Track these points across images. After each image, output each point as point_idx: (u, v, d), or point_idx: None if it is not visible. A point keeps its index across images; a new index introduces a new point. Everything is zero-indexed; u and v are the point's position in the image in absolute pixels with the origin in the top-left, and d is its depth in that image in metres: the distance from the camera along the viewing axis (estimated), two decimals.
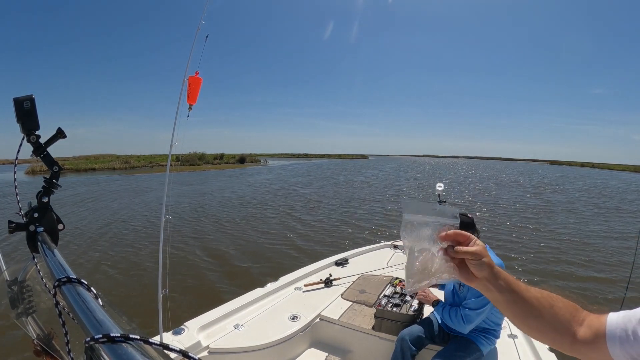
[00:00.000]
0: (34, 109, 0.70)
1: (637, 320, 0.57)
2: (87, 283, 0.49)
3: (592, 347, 0.61)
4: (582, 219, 11.58)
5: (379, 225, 9.60)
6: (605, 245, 8.05)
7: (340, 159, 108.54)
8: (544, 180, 31.03)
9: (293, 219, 10.36)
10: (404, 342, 1.91)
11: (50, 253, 0.62)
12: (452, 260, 0.64)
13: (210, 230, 8.86)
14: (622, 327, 0.57)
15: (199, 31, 2.19)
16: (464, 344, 1.84)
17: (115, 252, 6.97)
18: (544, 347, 2.06)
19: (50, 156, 0.76)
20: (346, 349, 2.32)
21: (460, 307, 1.83)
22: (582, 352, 0.62)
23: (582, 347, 0.62)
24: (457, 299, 1.92)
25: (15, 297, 0.70)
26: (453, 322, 1.84)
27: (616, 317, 0.60)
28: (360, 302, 2.57)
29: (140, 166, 39.91)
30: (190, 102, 2.16)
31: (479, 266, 0.63)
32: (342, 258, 3.50)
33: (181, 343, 1.91)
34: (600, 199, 17.57)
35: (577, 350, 0.63)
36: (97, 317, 0.39)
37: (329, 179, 26.12)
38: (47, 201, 0.76)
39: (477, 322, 1.79)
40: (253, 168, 40.01)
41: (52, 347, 0.65)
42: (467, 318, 1.77)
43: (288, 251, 7.16)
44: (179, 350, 0.34)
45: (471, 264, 0.63)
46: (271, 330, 2.18)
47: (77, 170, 33.19)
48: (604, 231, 9.71)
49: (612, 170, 77.60)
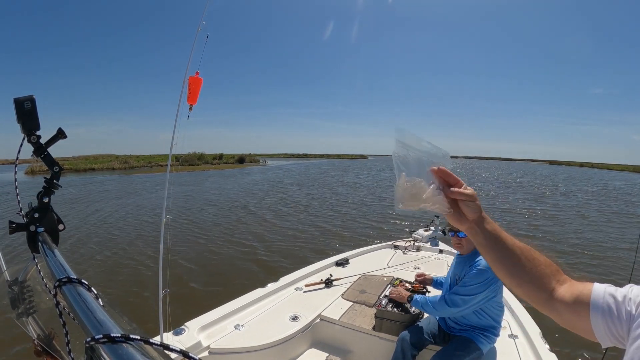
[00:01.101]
0: (35, 109, 0.70)
1: (623, 297, 0.56)
2: (88, 283, 0.49)
3: (570, 309, 0.61)
4: (592, 224, 10.91)
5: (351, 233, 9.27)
6: (617, 255, 7.43)
7: (339, 159, 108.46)
8: (546, 181, 30.59)
9: (266, 222, 10.28)
10: (405, 342, 1.91)
11: (50, 253, 0.62)
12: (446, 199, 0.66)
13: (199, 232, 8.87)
14: (608, 301, 0.57)
15: (199, 31, 2.19)
16: (463, 343, 1.84)
17: (115, 252, 6.98)
18: (545, 347, 2.06)
19: (51, 156, 0.76)
20: (347, 349, 2.31)
21: (446, 294, 1.86)
22: (557, 309, 0.63)
23: (559, 306, 0.62)
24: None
25: (15, 298, 0.70)
26: (436, 309, 1.85)
27: (603, 289, 0.60)
28: (360, 302, 2.57)
29: (140, 166, 39.92)
30: (190, 103, 2.16)
31: (471, 208, 0.66)
32: (342, 258, 3.50)
33: (182, 343, 1.91)
34: (614, 202, 16.71)
35: (552, 307, 0.64)
36: (97, 317, 0.39)
37: (322, 179, 25.98)
38: (47, 201, 0.76)
39: (462, 310, 1.79)
40: (251, 168, 39.99)
41: (52, 347, 0.65)
42: (452, 302, 1.79)
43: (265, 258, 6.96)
44: (179, 350, 0.34)
45: (465, 205, 0.65)
46: (272, 330, 2.18)
47: (76, 170, 33.20)
48: (616, 238, 9.09)
49: (611, 170, 77.47)
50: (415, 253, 3.92)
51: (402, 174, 0.64)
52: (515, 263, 0.65)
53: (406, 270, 3.32)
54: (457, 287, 1.83)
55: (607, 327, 0.56)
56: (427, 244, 4.13)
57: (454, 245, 2.00)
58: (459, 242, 1.95)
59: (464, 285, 1.80)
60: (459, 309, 1.79)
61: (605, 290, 0.59)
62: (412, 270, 3.35)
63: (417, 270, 3.36)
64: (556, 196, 18.43)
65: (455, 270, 1.96)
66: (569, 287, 0.64)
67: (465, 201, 0.65)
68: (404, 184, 0.64)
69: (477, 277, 1.77)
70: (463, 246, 1.95)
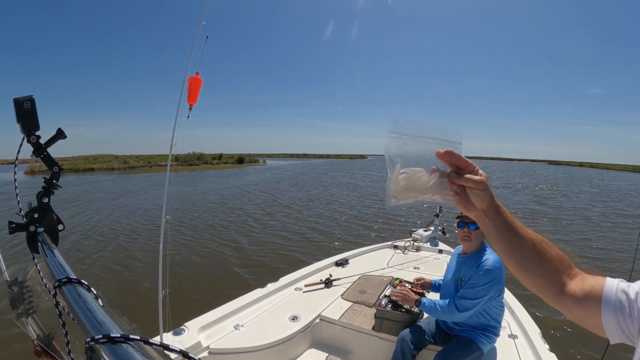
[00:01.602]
0: (34, 110, 0.70)
1: (636, 295, 0.54)
2: (87, 283, 0.49)
3: (581, 305, 0.59)
4: (596, 227, 10.59)
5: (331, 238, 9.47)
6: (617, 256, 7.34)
7: (339, 159, 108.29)
8: (548, 181, 30.16)
9: (252, 220, 10.30)
10: (404, 342, 1.91)
11: (50, 253, 0.62)
12: (451, 185, 0.59)
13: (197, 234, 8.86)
14: (620, 298, 0.56)
15: (199, 32, 2.19)
16: (464, 343, 1.83)
17: (115, 252, 6.98)
18: (545, 347, 2.06)
19: (51, 157, 0.76)
20: (346, 349, 2.32)
21: (456, 298, 1.79)
22: (567, 305, 0.61)
23: (570, 301, 0.60)
24: (453, 293, 1.88)
25: (15, 298, 0.70)
26: (445, 313, 1.79)
27: (615, 284, 0.58)
28: (360, 302, 2.57)
29: (139, 166, 39.90)
30: (190, 103, 2.16)
31: (482, 196, 0.59)
32: (342, 258, 3.50)
33: (181, 343, 1.91)
34: (622, 204, 16.35)
35: (562, 302, 0.62)
36: (97, 318, 0.39)
37: (319, 179, 25.89)
38: (47, 201, 0.76)
39: (472, 312, 1.75)
40: (250, 168, 39.95)
41: (52, 347, 0.65)
42: (462, 306, 1.73)
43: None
44: (179, 350, 0.34)
45: (474, 193, 0.59)
46: (271, 330, 2.18)
47: (75, 171, 33.19)
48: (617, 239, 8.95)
49: (611, 170, 77.29)
50: (415, 253, 3.92)
51: (396, 165, 0.56)
52: (526, 255, 0.61)
53: (406, 270, 3.32)
54: (465, 290, 1.76)
55: (617, 324, 0.55)
56: (426, 244, 4.13)
57: (461, 238, 1.89)
58: (467, 234, 1.84)
59: (472, 287, 1.74)
60: (469, 312, 1.75)
61: (618, 286, 0.57)
62: (411, 270, 3.35)
63: (417, 270, 3.36)
64: (557, 197, 18.16)
65: (459, 271, 1.89)
66: (580, 281, 0.61)
67: (473, 189, 0.59)
68: (397, 177, 0.56)
69: (484, 278, 1.72)
70: (472, 240, 1.84)
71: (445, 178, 0.59)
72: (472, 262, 1.83)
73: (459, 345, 1.83)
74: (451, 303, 1.78)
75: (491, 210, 0.61)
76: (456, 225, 1.93)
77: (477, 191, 0.59)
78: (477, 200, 0.60)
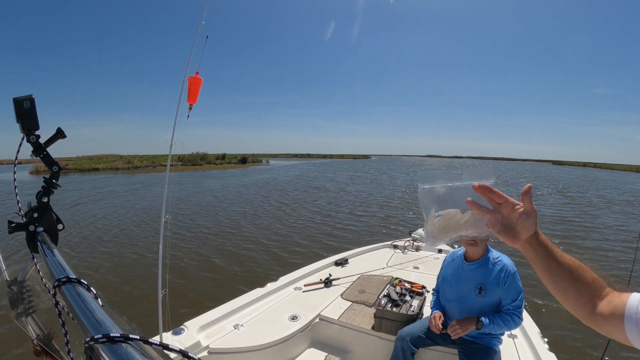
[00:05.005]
0: (34, 109, 0.70)
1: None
2: (87, 283, 0.49)
3: (608, 322, 0.63)
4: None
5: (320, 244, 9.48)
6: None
7: (342, 159, 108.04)
8: (558, 184, 26.64)
9: (242, 220, 10.33)
10: (404, 341, 1.91)
11: (49, 253, 0.62)
12: (490, 218, 0.63)
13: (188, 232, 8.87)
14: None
15: (199, 31, 2.19)
16: (483, 354, 1.81)
17: (115, 251, 6.98)
18: (544, 347, 2.06)
19: (50, 156, 0.76)
20: (346, 348, 2.32)
21: (507, 313, 1.74)
22: (598, 324, 0.65)
23: (599, 320, 0.64)
24: (473, 303, 1.81)
25: (15, 297, 0.70)
26: (509, 326, 1.74)
27: (637, 300, 0.61)
28: (360, 302, 2.57)
29: (143, 166, 39.87)
30: (190, 102, 2.15)
31: (528, 226, 0.62)
32: (341, 258, 3.50)
33: (181, 343, 1.91)
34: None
35: (594, 321, 0.65)
36: (96, 317, 0.39)
37: (324, 178, 25.89)
38: (46, 201, 0.76)
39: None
40: (253, 168, 39.97)
41: (51, 347, 0.65)
42: (520, 312, 1.73)
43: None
44: (178, 350, 0.34)
45: (522, 224, 0.62)
46: (271, 330, 2.18)
47: (80, 170, 33.18)
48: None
49: (615, 170, 76.90)
50: (415, 253, 3.92)
51: (430, 210, 0.62)
52: (562, 279, 0.65)
53: (405, 270, 3.32)
54: (514, 300, 1.73)
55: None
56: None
57: (467, 243, 1.82)
58: (472, 241, 1.77)
59: (517, 291, 1.73)
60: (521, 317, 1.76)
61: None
62: (411, 270, 3.35)
63: (416, 270, 3.36)
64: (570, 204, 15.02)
65: (473, 279, 1.81)
66: (608, 300, 0.65)
67: (522, 221, 0.62)
68: (432, 220, 0.62)
69: (517, 278, 1.73)
70: (477, 244, 1.81)
71: (484, 215, 0.63)
72: (486, 268, 1.79)
73: (480, 358, 1.80)
74: (513, 315, 1.73)
75: (534, 238, 0.64)
76: None
77: (526, 221, 0.62)
78: (524, 229, 0.63)
